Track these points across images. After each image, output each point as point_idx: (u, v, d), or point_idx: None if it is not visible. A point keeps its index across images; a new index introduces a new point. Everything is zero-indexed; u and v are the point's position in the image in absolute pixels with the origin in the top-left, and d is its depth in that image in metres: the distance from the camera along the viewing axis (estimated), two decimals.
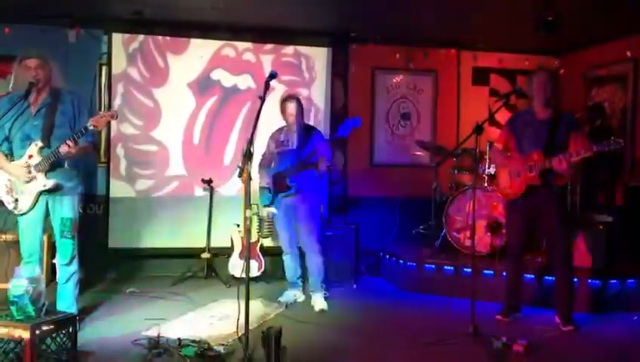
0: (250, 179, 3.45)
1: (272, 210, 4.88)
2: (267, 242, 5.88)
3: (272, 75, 3.59)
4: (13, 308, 3.15)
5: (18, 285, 3.15)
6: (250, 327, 4.06)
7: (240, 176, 3.41)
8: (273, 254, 5.78)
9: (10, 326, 3.07)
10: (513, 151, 4.41)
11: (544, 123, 4.24)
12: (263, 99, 3.49)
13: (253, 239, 5.67)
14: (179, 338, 3.69)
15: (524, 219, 4.37)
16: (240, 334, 3.49)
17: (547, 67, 4.49)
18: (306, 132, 4.90)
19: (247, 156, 3.34)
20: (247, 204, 3.43)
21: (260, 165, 5.07)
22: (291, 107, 4.84)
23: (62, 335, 3.27)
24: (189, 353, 3.51)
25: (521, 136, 4.35)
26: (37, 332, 3.06)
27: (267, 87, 3.55)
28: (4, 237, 4.81)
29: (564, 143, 4.14)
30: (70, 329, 3.30)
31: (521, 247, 4.48)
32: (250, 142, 3.34)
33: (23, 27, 5.71)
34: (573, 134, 4.16)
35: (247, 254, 3.36)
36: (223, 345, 3.65)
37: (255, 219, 5.60)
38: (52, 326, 3.15)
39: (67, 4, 5.40)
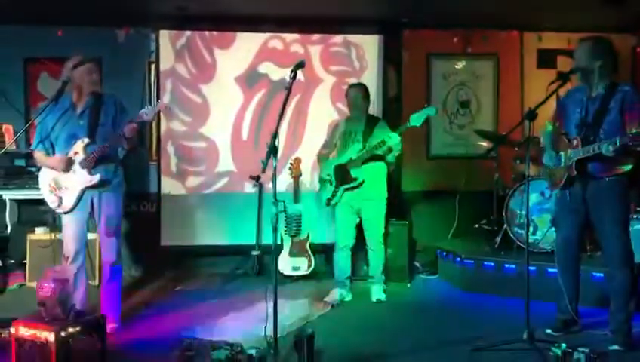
0: (275, 175, 3.28)
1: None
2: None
3: (300, 64, 3.39)
4: (41, 310, 3.14)
5: (46, 286, 3.13)
6: (291, 329, 3.96)
7: (264, 171, 3.25)
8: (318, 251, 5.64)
9: (38, 328, 3.05)
10: (560, 135, 3.79)
11: (594, 101, 3.61)
12: (289, 90, 3.31)
13: (303, 236, 5.52)
14: (211, 341, 3.57)
15: (573, 213, 3.76)
16: (272, 337, 3.34)
17: (594, 36, 3.70)
18: (371, 122, 4.79)
19: (272, 150, 3.17)
20: (274, 201, 3.25)
21: (319, 156, 5.01)
22: (357, 96, 4.76)
23: (90, 337, 3.22)
24: (220, 356, 3.37)
25: (570, 116, 3.75)
26: (62, 334, 3.02)
27: (294, 76, 3.35)
28: (58, 235, 4.83)
29: (614, 126, 3.48)
30: (98, 331, 3.25)
31: (574, 247, 3.88)
32: (275, 136, 3.16)
33: (75, 29, 5.85)
34: (627, 113, 3.45)
35: (273, 253, 3.20)
36: (256, 348, 3.50)
37: (282, 216, 5.37)
38: (78, 328, 3.10)
39: (115, 5, 5.42)
